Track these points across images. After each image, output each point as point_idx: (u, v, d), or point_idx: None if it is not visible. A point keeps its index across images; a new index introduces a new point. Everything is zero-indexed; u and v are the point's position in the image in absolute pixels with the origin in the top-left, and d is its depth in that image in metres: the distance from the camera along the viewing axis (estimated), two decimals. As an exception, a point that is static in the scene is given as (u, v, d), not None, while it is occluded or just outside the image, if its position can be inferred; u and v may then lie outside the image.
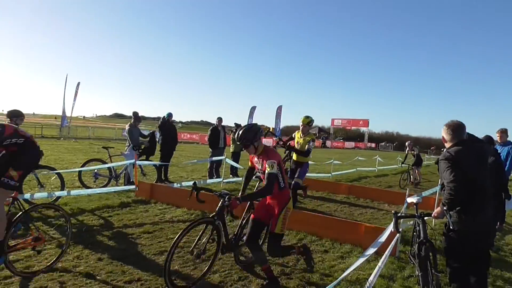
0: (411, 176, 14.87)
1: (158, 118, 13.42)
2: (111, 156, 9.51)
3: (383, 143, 72.84)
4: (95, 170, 9.10)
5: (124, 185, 9.11)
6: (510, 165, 7.47)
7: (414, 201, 4.41)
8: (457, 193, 3.40)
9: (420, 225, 3.91)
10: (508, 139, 7.55)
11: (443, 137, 3.88)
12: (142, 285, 4.00)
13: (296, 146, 7.94)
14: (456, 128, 3.75)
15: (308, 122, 7.77)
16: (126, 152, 9.62)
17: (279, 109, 51.83)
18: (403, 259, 5.22)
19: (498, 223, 6.61)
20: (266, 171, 4.01)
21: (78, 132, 35.44)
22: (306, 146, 7.64)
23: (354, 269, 3.73)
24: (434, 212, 3.75)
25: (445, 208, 3.56)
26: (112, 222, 6.25)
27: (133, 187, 8.50)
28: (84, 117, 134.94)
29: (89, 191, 8.00)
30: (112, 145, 11.82)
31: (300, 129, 7.90)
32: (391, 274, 4.66)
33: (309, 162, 8.50)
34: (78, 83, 30.86)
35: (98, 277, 4.11)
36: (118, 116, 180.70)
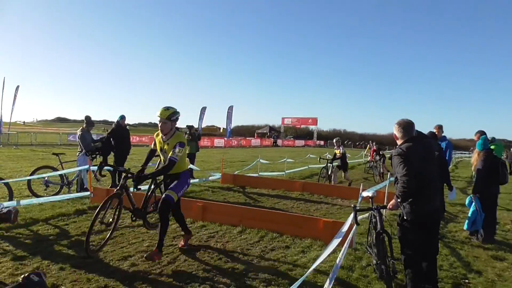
0: (332, 177, 13.05)
1: (105, 121, 13.03)
2: (62, 163, 9.17)
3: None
4: (46, 178, 8.74)
5: (77, 191, 8.84)
6: (449, 159, 8.08)
7: (370, 194, 4.70)
8: (410, 186, 3.70)
9: (377, 217, 4.20)
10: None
11: (395, 134, 4.19)
12: (110, 291, 3.97)
13: (160, 155, 5.40)
14: (406, 126, 4.07)
15: (169, 115, 5.03)
16: (78, 158, 9.32)
17: (230, 109, 51.88)
18: (360, 250, 5.53)
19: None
20: None
21: (18, 139, 33.41)
22: (170, 153, 4.98)
23: (315, 261, 3.93)
24: (389, 204, 4.05)
25: (399, 200, 3.86)
26: (69, 231, 6.07)
27: (87, 193, 8.27)
28: (24, 122, 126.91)
29: (40, 200, 7.70)
30: (57, 150, 11.30)
31: (159, 127, 5.16)
32: (350, 265, 4.93)
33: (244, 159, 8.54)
34: (17, 87, 29.22)
35: (62, 287, 4.02)
36: (60, 120, 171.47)
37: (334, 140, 13.92)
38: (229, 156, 26.74)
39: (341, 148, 13.19)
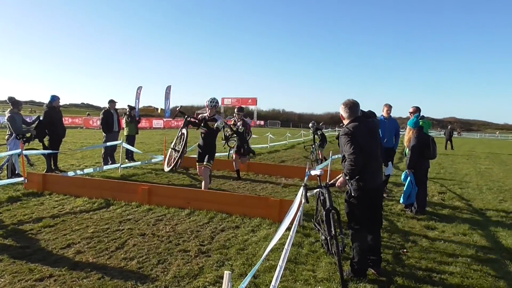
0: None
1: (32, 101, 12.13)
2: (-11, 147, 8.46)
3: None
4: (-29, 164, 8.02)
5: (8, 177, 8.22)
6: (397, 140, 8.50)
7: (318, 173, 4.84)
8: (357, 163, 3.87)
9: (326, 195, 4.35)
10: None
11: (341, 114, 4.33)
12: (56, 280, 3.77)
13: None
14: (352, 106, 4.22)
15: None
16: (8, 142, 8.63)
17: (168, 89, 50.56)
18: (307, 227, 5.73)
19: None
20: None
21: None
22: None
23: (265, 240, 4.02)
24: (337, 182, 4.21)
25: (347, 177, 4.02)
26: (3, 220, 5.65)
27: (20, 179, 7.73)
28: None
29: (-34, 187, 7.06)
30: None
31: None
32: (299, 241, 5.10)
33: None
34: None
35: (2, 279, 3.76)
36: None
37: (236, 110, 10.42)
38: (170, 137, 26.01)
39: (241, 122, 10.17)
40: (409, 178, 6.93)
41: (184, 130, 7.81)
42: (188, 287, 3.76)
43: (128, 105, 13.04)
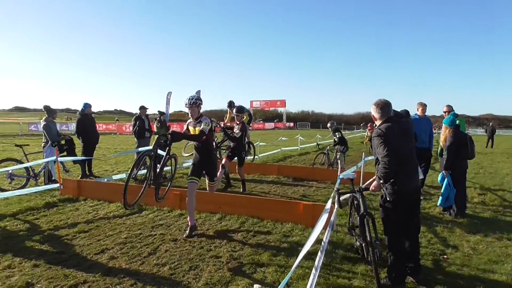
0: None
1: (68, 109, 12.44)
2: (26, 155, 8.75)
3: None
4: (9, 171, 8.31)
5: (45, 184, 8.48)
6: (431, 141, 8.22)
7: (350, 177, 4.69)
8: (391, 166, 3.70)
9: (360, 199, 4.19)
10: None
11: (373, 115, 4.16)
12: (90, 287, 3.81)
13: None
14: (384, 106, 4.05)
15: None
16: (45, 149, 8.91)
17: (198, 93, 51.07)
18: (340, 232, 5.57)
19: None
20: None
21: (-25, 130, 31.85)
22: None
23: (298, 245, 3.90)
24: (371, 186, 4.05)
25: (381, 181, 3.86)
26: (40, 225, 5.81)
27: (56, 185, 7.94)
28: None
29: (5, 194, 7.31)
30: (20, 141, 10.76)
31: None
32: (333, 248, 4.94)
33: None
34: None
35: (38, 285, 3.83)
36: (19, 110, 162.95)
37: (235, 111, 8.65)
38: (200, 141, 26.41)
39: (240, 126, 8.51)
40: (446, 179, 6.64)
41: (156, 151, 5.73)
42: (220, 295, 3.71)
43: (159, 111, 13.21)
